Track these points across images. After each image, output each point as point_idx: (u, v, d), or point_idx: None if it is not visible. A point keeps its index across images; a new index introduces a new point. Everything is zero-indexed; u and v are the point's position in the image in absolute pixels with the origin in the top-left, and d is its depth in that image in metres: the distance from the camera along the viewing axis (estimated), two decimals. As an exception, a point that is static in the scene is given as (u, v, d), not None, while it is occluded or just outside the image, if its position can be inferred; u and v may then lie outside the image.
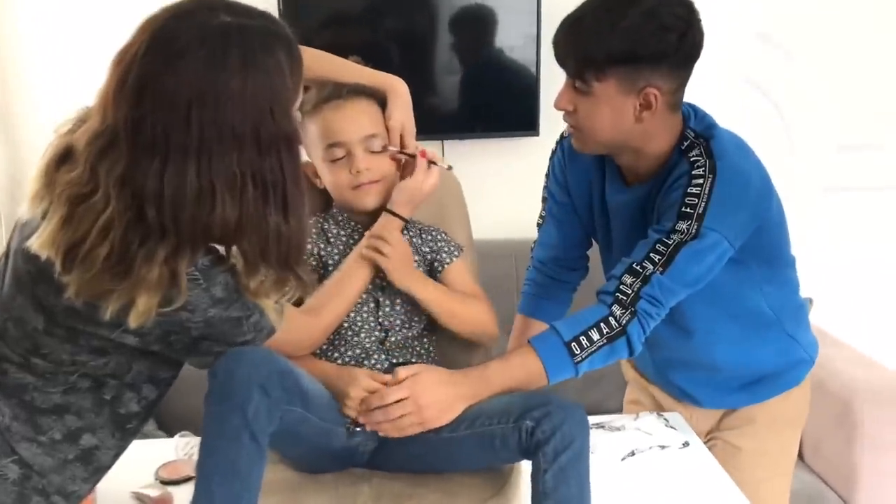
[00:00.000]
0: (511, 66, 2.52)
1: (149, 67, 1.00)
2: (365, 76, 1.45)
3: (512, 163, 2.59)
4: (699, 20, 1.29)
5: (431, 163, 1.44)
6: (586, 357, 1.28)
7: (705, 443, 1.59)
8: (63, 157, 1.08)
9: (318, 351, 1.42)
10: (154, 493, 1.36)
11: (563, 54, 1.32)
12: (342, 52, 1.45)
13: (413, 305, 1.46)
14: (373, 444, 1.35)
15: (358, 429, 1.32)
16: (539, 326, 1.61)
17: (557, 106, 1.36)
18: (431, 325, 1.49)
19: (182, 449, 1.46)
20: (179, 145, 1.00)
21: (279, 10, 2.36)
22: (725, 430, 1.60)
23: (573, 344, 1.28)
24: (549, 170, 1.61)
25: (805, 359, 1.57)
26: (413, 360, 1.44)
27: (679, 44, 1.26)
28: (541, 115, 2.48)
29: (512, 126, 2.56)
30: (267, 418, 1.11)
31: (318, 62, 1.42)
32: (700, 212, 1.28)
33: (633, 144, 1.36)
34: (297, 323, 1.27)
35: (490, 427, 1.23)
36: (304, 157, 1.48)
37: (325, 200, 1.52)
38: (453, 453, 1.30)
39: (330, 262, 1.45)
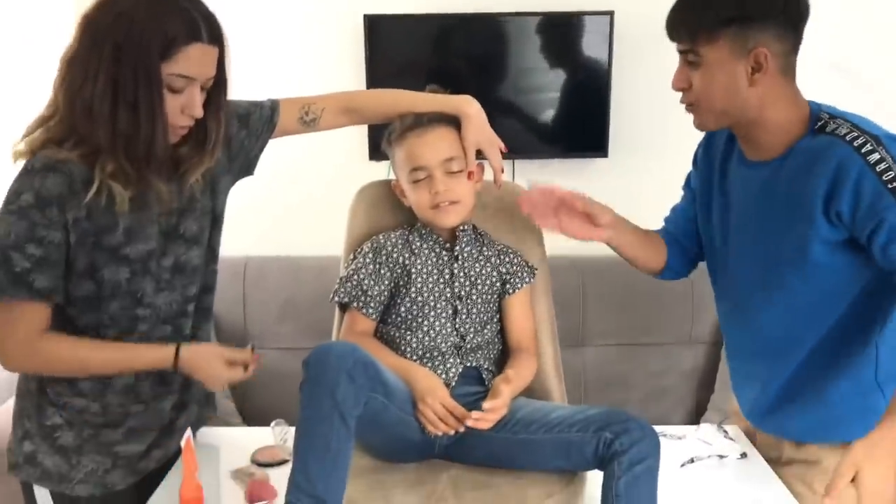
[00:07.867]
0: (582, 88, 2.63)
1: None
2: (440, 104, 1.59)
3: (581, 184, 2.67)
4: None
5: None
6: None
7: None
8: None
9: (390, 339, 1.56)
10: (251, 473, 1.49)
11: (678, 24, 1.38)
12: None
13: (488, 314, 1.59)
14: (449, 439, 1.46)
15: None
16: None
17: (674, 86, 1.42)
18: (500, 332, 1.62)
19: (277, 435, 1.60)
20: None
21: (365, 53, 2.54)
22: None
23: None
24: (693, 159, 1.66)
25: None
26: (484, 364, 1.57)
27: (784, 5, 1.34)
28: (610, 137, 2.57)
29: (582, 147, 2.66)
30: (354, 402, 1.25)
31: (399, 98, 1.61)
32: None
33: (751, 113, 1.38)
34: None
35: (569, 434, 1.36)
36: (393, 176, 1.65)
37: (412, 216, 1.66)
38: (529, 454, 1.42)
39: (413, 270, 1.58)
